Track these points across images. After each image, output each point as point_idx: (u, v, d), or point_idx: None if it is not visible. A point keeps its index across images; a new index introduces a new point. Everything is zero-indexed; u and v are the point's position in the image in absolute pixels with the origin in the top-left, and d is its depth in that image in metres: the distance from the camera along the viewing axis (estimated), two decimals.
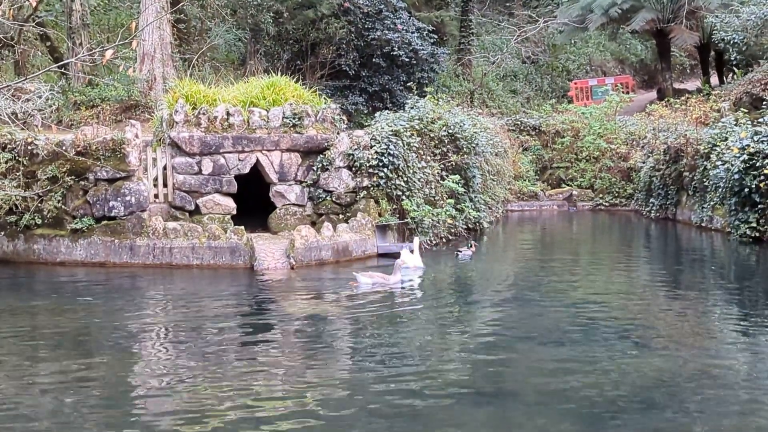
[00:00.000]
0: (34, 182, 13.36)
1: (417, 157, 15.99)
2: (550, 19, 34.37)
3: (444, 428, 6.25)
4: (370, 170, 14.91)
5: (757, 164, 15.25)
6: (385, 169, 14.90)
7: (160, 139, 15.13)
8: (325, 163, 14.93)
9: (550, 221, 21.59)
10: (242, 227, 13.74)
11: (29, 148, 13.36)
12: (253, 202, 15.21)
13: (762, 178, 15.10)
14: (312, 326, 9.46)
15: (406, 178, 15.24)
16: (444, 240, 15.87)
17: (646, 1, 30.05)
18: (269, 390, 7.13)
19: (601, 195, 23.87)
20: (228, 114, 14.74)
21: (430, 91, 20.05)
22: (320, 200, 14.96)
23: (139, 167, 13.83)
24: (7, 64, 23.95)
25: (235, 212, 14.63)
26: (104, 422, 6.37)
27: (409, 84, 22.36)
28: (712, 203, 17.54)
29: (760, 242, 15.35)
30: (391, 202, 15.01)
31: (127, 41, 7.66)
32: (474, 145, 17.57)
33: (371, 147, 15.01)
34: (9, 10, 12.28)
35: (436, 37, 26.47)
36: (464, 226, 16.82)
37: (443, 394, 6.96)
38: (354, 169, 14.94)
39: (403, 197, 15.07)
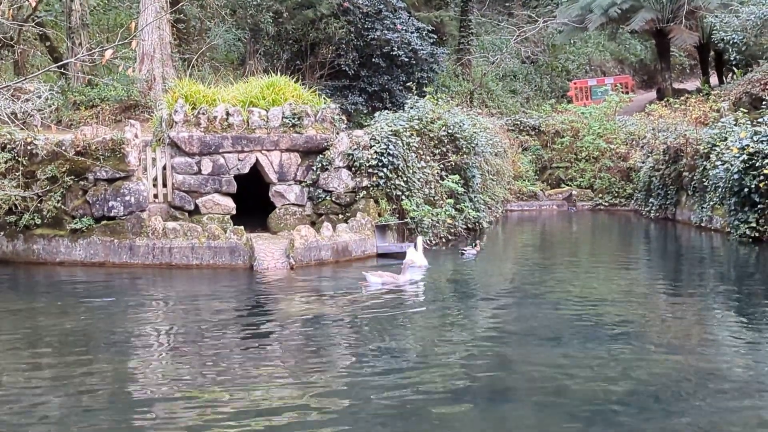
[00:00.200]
0: (34, 182, 13.35)
1: (416, 157, 16.00)
2: (549, 19, 34.38)
3: (444, 428, 6.25)
4: (370, 170, 14.91)
5: (757, 164, 15.26)
6: (385, 169, 14.90)
7: (159, 139, 15.13)
8: (324, 163, 14.93)
9: (550, 221, 21.59)
10: (242, 227, 13.74)
11: (29, 148, 13.36)
12: (253, 202, 15.21)
13: (761, 178, 15.11)
14: (311, 326, 9.46)
15: (405, 178, 15.24)
16: (443, 240, 15.87)
17: (645, 1, 30.07)
18: (269, 390, 7.12)
19: (600, 195, 23.88)
20: (227, 114, 14.75)
21: (430, 91, 20.07)
22: (320, 200, 14.97)
23: (138, 167, 13.83)
24: (6, 64, 23.94)
25: (234, 212, 14.64)
26: (104, 422, 6.37)
27: (408, 84, 22.39)
28: (711, 203, 17.55)
29: (760, 242, 15.36)
30: (390, 202, 15.02)
31: (126, 41, 7.67)
32: (473, 145, 17.57)
33: (371, 147, 15.02)
34: (8, 10, 12.30)
35: (435, 37, 26.47)
36: (464, 226, 16.82)
37: (443, 394, 6.95)
38: (353, 169, 14.95)
39: (403, 197, 15.07)
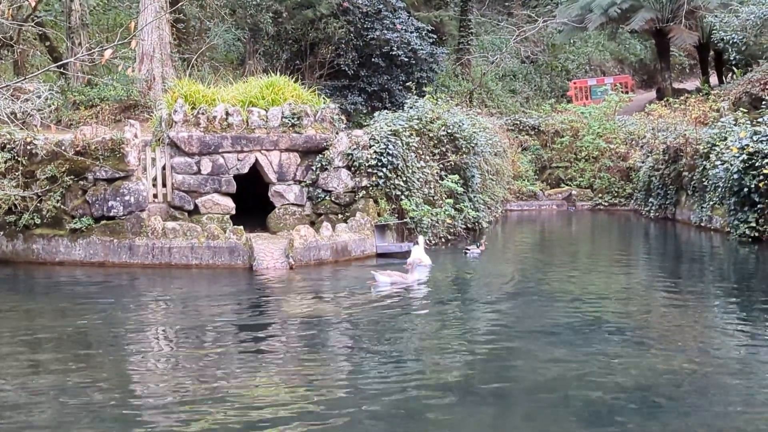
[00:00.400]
0: (33, 182, 13.35)
1: (416, 156, 15.99)
2: (549, 18, 34.39)
3: (444, 428, 6.25)
4: (369, 170, 14.90)
5: (757, 164, 15.26)
6: (384, 169, 14.90)
7: (159, 139, 15.13)
8: (324, 163, 14.93)
9: (550, 221, 21.59)
10: (241, 227, 13.73)
11: (28, 147, 13.35)
12: (252, 201, 15.20)
13: (761, 177, 15.11)
14: (311, 326, 9.46)
15: (405, 178, 15.24)
16: (443, 240, 15.86)
17: (645, 0, 30.06)
18: (268, 390, 7.13)
19: (600, 195, 23.88)
20: (227, 114, 14.75)
21: (429, 91, 20.06)
22: (319, 200, 14.97)
23: (138, 167, 13.83)
24: (6, 63, 23.94)
25: (234, 212, 14.64)
26: (103, 423, 6.37)
27: (408, 84, 22.39)
28: (711, 203, 17.55)
29: (759, 242, 15.37)
30: (390, 201, 15.01)
31: (126, 41, 7.67)
32: (473, 145, 17.57)
33: (370, 147, 15.01)
34: (8, 10, 12.30)
35: (435, 36, 26.49)
36: (463, 226, 16.82)
37: (443, 394, 6.95)
38: (353, 168, 14.94)
39: (402, 197, 15.07)
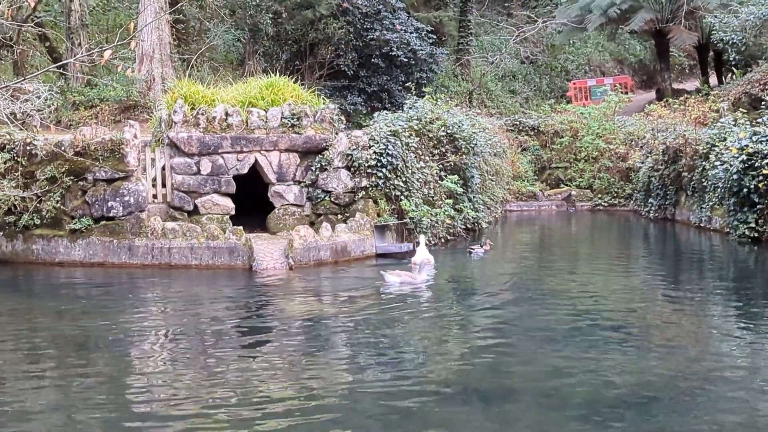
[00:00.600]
0: (33, 182, 13.36)
1: (415, 157, 16.00)
2: (548, 19, 34.39)
3: (444, 428, 6.25)
4: (369, 170, 14.90)
5: (756, 164, 15.27)
6: (384, 170, 14.90)
7: (158, 140, 15.12)
8: (323, 164, 14.93)
9: (549, 221, 21.58)
10: (241, 227, 13.74)
11: (28, 148, 13.36)
12: (252, 202, 15.21)
13: (761, 178, 15.12)
14: (311, 326, 9.46)
15: (404, 178, 15.24)
16: (442, 240, 15.86)
17: (644, 1, 30.08)
18: (268, 390, 7.13)
19: (599, 195, 23.88)
20: (226, 114, 14.75)
21: (429, 92, 20.06)
22: (319, 200, 14.97)
23: (137, 167, 13.83)
24: (5, 64, 23.94)
25: (233, 212, 14.64)
26: (103, 423, 6.37)
27: (407, 84, 22.40)
28: (710, 203, 17.55)
29: (759, 242, 15.37)
30: (389, 202, 15.02)
31: (125, 41, 7.68)
32: (472, 146, 17.58)
33: (370, 147, 15.01)
34: (8, 10, 12.29)
35: (434, 37, 26.50)
36: (462, 227, 16.82)
37: (443, 394, 6.95)
38: (352, 169, 14.95)
39: (402, 197, 15.07)
